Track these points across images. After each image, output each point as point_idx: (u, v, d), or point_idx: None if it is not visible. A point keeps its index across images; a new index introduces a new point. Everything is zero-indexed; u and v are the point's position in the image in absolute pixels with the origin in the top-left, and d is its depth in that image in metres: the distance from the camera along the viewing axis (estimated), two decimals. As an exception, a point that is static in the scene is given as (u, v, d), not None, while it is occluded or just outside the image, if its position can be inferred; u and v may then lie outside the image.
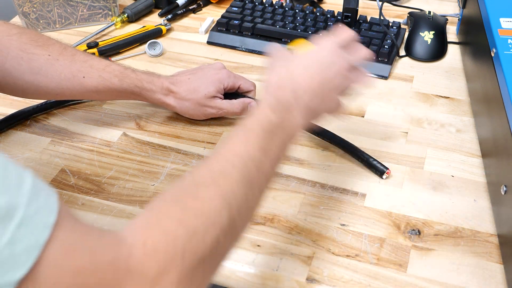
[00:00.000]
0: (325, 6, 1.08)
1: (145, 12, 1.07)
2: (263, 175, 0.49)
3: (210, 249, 0.41)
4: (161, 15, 1.06)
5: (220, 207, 0.43)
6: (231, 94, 0.81)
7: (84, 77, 0.72)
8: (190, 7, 1.08)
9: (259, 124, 0.51)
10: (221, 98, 0.79)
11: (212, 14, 1.08)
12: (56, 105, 0.84)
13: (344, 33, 0.60)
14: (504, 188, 0.60)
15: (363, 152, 0.73)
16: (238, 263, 0.62)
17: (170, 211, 0.41)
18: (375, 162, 0.72)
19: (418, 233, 0.65)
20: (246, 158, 0.47)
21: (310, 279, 0.60)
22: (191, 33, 1.02)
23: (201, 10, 1.09)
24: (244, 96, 0.81)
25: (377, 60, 0.91)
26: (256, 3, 1.02)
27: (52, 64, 0.71)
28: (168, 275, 0.38)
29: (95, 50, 0.94)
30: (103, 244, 0.37)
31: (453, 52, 0.95)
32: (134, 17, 1.04)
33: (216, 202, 0.43)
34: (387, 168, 0.71)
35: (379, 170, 0.71)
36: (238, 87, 0.81)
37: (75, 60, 0.72)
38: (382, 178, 0.71)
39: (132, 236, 0.39)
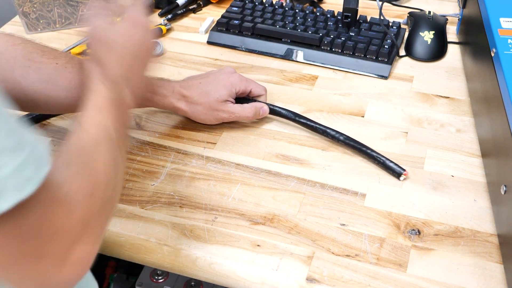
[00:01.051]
0: (325, 6, 1.08)
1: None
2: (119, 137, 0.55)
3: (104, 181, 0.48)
4: (161, 15, 1.06)
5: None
6: (241, 98, 0.80)
7: None
8: (190, 7, 1.08)
9: (107, 101, 0.56)
10: (232, 102, 0.78)
11: (212, 14, 1.08)
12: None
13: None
14: (504, 188, 0.60)
15: (379, 154, 0.72)
16: (238, 263, 0.62)
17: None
18: (391, 164, 0.71)
19: (418, 233, 0.65)
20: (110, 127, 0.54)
21: (310, 279, 0.60)
22: (191, 33, 1.02)
23: (201, 10, 1.09)
24: (255, 100, 0.80)
25: (377, 60, 0.91)
26: (256, 3, 1.02)
27: (61, 72, 0.68)
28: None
29: (95, 50, 0.94)
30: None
31: (453, 52, 0.95)
32: (134, 17, 1.04)
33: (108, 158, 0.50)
34: (404, 170, 0.70)
35: (396, 172, 0.71)
36: (250, 91, 0.80)
37: (84, 68, 0.69)
38: (400, 180, 0.71)
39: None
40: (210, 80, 0.78)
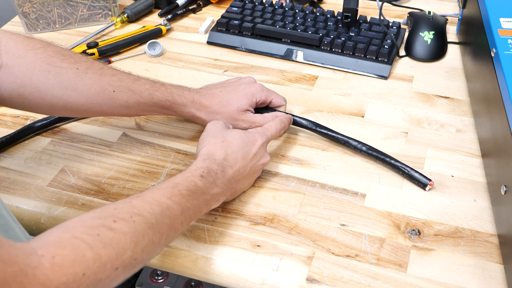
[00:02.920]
0: (325, 6, 1.08)
1: (145, 12, 1.07)
2: (173, 227, 0.55)
3: (107, 275, 0.47)
4: (161, 15, 1.06)
5: (128, 243, 0.49)
6: (260, 108, 0.79)
7: (114, 91, 0.69)
8: (190, 7, 1.08)
9: (186, 184, 0.58)
10: (252, 112, 0.77)
11: (212, 14, 1.08)
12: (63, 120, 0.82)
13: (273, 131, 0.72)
14: (504, 188, 0.60)
15: (404, 164, 0.71)
16: (238, 263, 0.62)
17: (85, 234, 0.46)
18: (417, 175, 0.70)
19: (418, 233, 0.65)
20: (165, 208, 0.54)
21: (310, 279, 0.60)
22: (191, 33, 1.02)
23: (201, 10, 1.09)
24: (274, 110, 0.79)
25: (377, 60, 0.91)
26: (256, 3, 1.02)
27: (82, 78, 0.67)
28: None
29: (95, 50, 0.94)
30: (14, 253, 0.40)
31: (453, 52, 0.95)
32: (134, 17, 1.04)
33: (126, 238, 0.49)
34: (430, 180, 0.69)
35: (422, 183, 0.69)
36: (270, 102, 0.79)
37: (104, 74, 0.69)
38: (425, 190, 0.70)
39: (43, 249, 0.43)
40: (231, 90, 0.76)
